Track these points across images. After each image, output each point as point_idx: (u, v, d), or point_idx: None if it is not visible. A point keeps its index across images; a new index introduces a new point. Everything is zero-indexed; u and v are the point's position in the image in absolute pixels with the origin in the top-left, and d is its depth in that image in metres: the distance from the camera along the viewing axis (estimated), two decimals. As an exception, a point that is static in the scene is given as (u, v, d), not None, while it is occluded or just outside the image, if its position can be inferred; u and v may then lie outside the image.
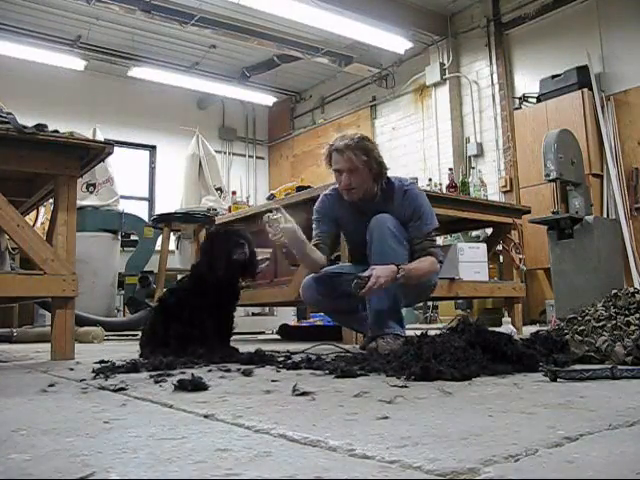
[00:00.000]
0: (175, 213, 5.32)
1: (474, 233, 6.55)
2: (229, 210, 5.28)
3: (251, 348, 2.54)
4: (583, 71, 6.83)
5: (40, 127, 2.58)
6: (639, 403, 1.23)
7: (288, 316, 6.27)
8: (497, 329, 2.24)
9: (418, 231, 2.64)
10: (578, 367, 1.78)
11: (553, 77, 7.03)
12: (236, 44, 8.96)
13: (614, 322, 2.08)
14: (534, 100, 7.33)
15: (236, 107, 11.31)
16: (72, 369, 2.19)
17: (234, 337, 2.79)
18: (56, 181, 2.72)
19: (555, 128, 5.44)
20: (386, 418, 1.11)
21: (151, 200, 10.62)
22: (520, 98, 7.56)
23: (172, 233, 5.53)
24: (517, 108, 7.54)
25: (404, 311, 2.58)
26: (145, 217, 7.85)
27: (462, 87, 8.56)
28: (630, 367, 1.72)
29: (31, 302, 4.90)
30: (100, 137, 5.61)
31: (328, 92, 10.72)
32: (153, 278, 5.61)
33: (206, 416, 1.19)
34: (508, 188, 7.72)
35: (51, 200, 3.01)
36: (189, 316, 2.48)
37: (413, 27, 8.34)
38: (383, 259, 2.50)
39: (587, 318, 2.19)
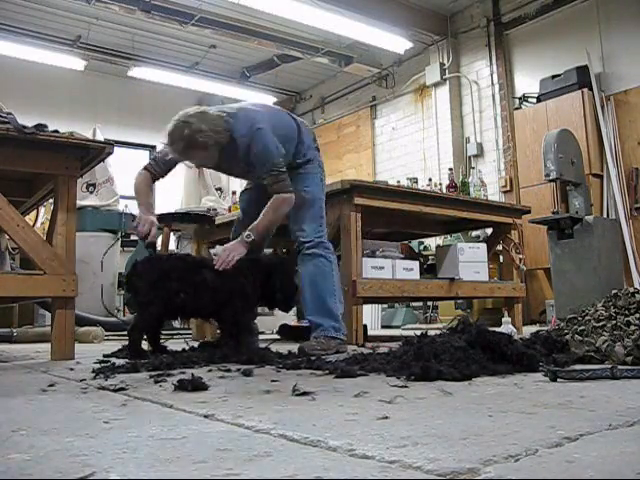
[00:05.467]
0: (175, 213, 5.31)
1: (474, 233, 6.55)
2: (229, 210, 5.27)
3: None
4: (583, 71, 6.82)
5: (40, 127, 2.58)
6: (639, 403, 1.23)
7: (288, 316, 6.27)
8: (497, 329, 2.25)
9: (260, 169, 2.77)
10: (578, 367, 1.78)
11: (553, 77, 7.02)
12: (236, 44, 8.95)
13: (614, 322, 2.08)
14: (534, 100, 7.33)
15: (236, 107, 11.30)
16: (72, 369, 2.19)
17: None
18: (56, 181, 2.72)
19: (555, 128, 5.44)
20: (386, 418, 1.11)
21: (151, 200, 10.61)
22: (520, 98, 7.55)
23: (172, 233, 5.52)
24: (517, 108, 7.54)
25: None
26: (145, 217, 7.83)
27: (462, 87, 8.56)
28: (630, 367, 1.72)
29: (31, 302, 4.90)
30: (100, 137, 5.61)
31: (328, 92, 10.71)
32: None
33: (206, 416, 1.19)
34: (508, 188, 7.71)
35: (51, 200, 3.01)
36: None
37: (413, 27, 8.33)
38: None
39: (587, 318, 2.19)
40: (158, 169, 2.86)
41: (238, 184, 10.31)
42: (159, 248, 2.93)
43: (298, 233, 2.91)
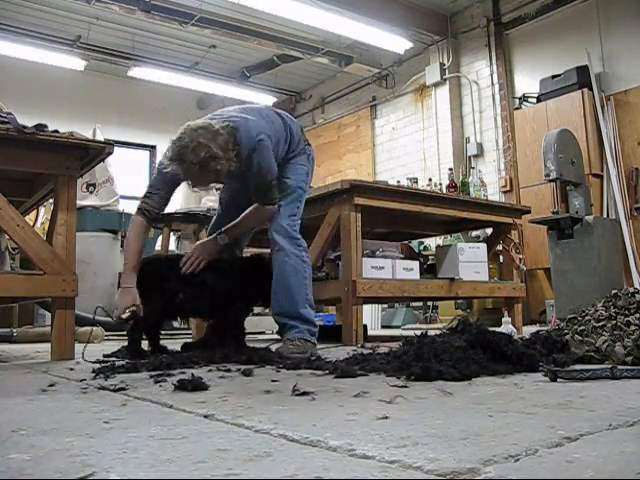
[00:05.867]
0: (175, 213, 5.31)
1: (474, 233, 6.55)
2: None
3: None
4: (583, 71, 6.82)
5: (40, 127, 2.58)
6: (639, 403, 1.23)
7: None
8: (497, 329, 2.24)
9: (252, 183, 2.70)
10: (578, 367, 1.78)
11: (553, 77, 7.02)
12: (236, 44, 8.95)
13: (614, 322, 2.08)
14: (534, 100, 7.33)
15: (236, 107, 11.30)
16: (72, 369, 2.19)
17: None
18: (56, 181, 2.72)
19: (555, 128, 5.44)
20: (386, 418, 1.11)
21: (151, 200, 10.62)
22: (520, 98, 7.55)
23: (172, 233, 5.52)
24: (517, 108, 7.54)
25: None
26: (145, 217, 7.83)
27: (462, 87, 8.56)
28: (630, 367, 1.71)
29: (31, 302, 4.90)
30: (100, 137, 5.60)
31: (328, 92, 10.72)
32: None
33: (206, 416, 1.19)
34: (508, 188, 7.71)
35: (51, 200, 3.01)
36: None
37: (413, 27, 8.33)
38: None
39: (587, 318, 2.19)
40: (153, 204, 2.65)
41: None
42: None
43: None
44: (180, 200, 7.31)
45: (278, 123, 2.84)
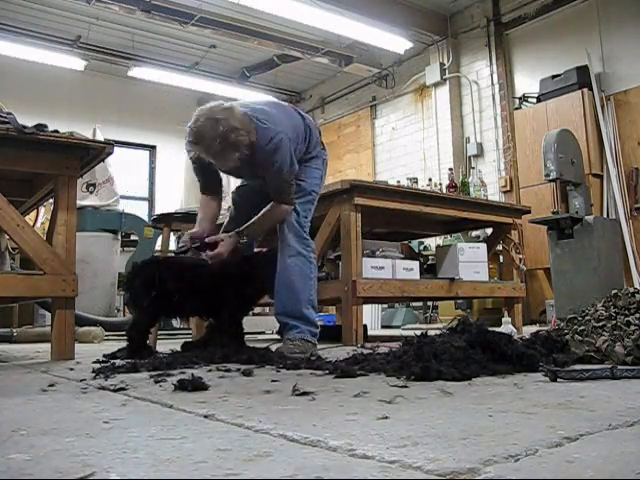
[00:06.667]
0: (175, 213, 5.31)
1: (474, 233, 6.55)
2: (229, 210, 5.26)
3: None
4: (583, 71, 6.83)
5: (40, 127, 2.58)
6: (639, 403, 1.23)
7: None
8: (497, 329, 2.24)
9: (271, 181, 2.70)
10: (578, 367, 1.78)
11: (553, 77, 7.03)
12: (236, 44, 8.95)
13: (614, 322, 2.08)
14: (534, 100, 7.33)
15: (236, 107, 11.28)
16: (72, 369, 2.19)
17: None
18: (56, 181, 2.72)
19: (555, 128, 5.44)
20: (386, 418, 1.11)
21: (151, 200, 10.62)
22: (520, 98, 7.56)
23: (172, 233, 5.52)
24: (517, 108, 7.54)
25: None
26: (145, 217, 7.85)
27: (462, 87, 8.56)
28: (630, 367, 1.71)
29: (31, 302, 4.90)
30: (100, 137, 5.60)
31: (328, 92, 10.72)
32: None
33: (206, 416, 1.19)
34: (508, 188, 7.72)
35: (51, 200, 3.01)
36: None
37: (413, 27, 8.33)
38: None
39: (587, 318, 2.19)
40: (206, 185, 2.86)
41: (238, 184, 10.31)
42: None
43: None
44: (180, 200, 7.31)
45: (297, 120, 2.85)
